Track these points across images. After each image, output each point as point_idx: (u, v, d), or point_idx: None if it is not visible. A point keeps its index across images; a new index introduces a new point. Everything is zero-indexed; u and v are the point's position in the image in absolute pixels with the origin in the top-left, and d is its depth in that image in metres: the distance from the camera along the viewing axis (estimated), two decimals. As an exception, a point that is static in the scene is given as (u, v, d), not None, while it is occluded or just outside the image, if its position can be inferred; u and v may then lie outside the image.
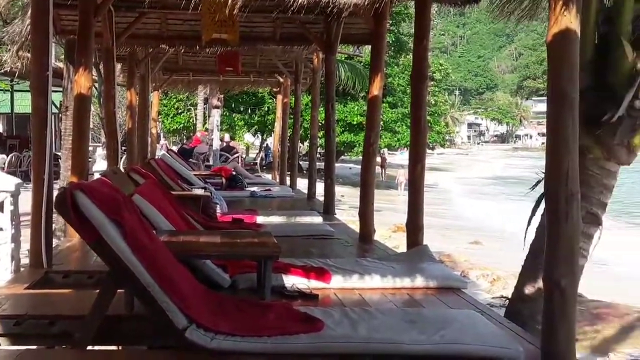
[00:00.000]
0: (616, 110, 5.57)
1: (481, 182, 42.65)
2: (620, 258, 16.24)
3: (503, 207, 26.67)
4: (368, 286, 5.26)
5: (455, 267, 12.64)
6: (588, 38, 5.71)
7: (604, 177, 5.86)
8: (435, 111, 40.25)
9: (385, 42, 7.90)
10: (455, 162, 68.28)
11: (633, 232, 22.01)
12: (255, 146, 48.13)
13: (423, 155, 6.79)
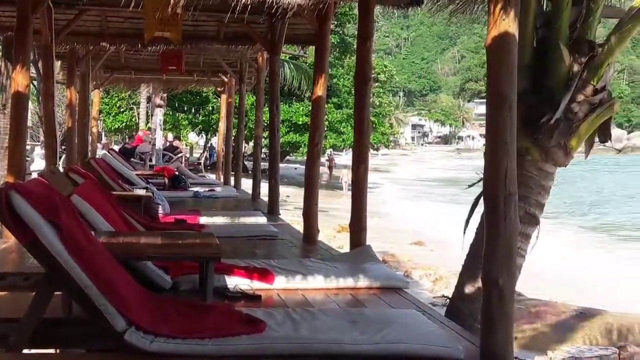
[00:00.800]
0: (554, 113, 5.69)
1: (423, 183, 43.20)
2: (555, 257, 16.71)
3: (445, 207, 27.06)
4: (311, 287, 5.27)
5: (399, 266, 12.77)
6: (527, 41, 5.82)
7: (542, 178, 5.98)
8: (379, 112, 40.60)
9: (329, 43, 7.92)
10: (399, 163, 69.01)
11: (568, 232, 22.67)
12: (199, 146, 47.71)
13: (366, 156, 6.83)
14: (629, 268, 15.72)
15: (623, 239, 22.17)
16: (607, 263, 16.76)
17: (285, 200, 21.23)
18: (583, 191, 39.81)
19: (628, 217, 27.98)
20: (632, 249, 19.31)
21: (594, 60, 5.72)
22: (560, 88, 5.73)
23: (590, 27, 5.83)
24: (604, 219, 27.51)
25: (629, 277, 14.63)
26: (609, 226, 25.39)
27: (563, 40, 5.69)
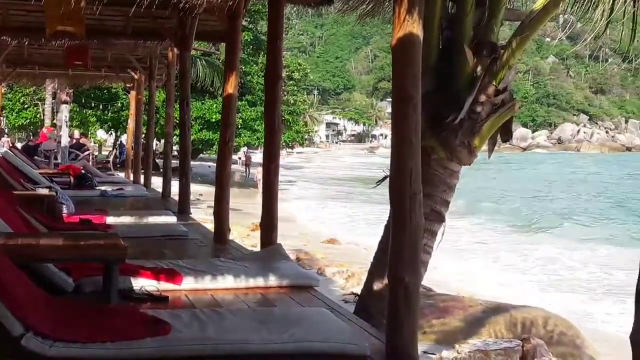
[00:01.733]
0: (458, 113, 5.83)
1: (337, 182, 43.56)
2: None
3: (360, 205, 27.40)
4: (220, 287, 5.22)
5: (312, 264, 12.81)
6: (432, 43, 5.95)
7: (447, 177, 6.12)
8: (294, 110, 40.62)
9: (239, 40, 7.86)
10: (314, 160, 69.39)
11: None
12: (109, 143, 46.51)
13: (277, 154, 6.82)
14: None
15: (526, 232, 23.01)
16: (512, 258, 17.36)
17: (198, 199, 20.97)
18: (497, 187, 41.18)
19: (537, 212, 29.15)
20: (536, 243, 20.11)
21: (497, 62, 5.89)
22: (465, 89, 5.87)
23: (492, 30, 6.00)
24: (515, 214, 28.48)
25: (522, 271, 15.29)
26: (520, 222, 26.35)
27: (467, 42, 5.84)
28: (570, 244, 19.85)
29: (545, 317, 8.54)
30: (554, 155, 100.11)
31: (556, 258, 17.28)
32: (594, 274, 15.40)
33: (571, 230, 23.59)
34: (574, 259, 17.28)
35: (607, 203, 34.47)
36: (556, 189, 42.11)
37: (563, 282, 14.51)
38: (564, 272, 15.68)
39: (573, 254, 17.98)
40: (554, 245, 19.57)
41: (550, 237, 21.85)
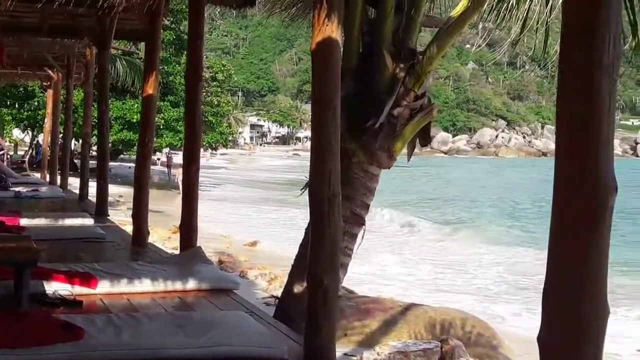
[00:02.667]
0: (378, 117, 5.90)
1: (260, 184, 43.45)
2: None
3: (284, 207, 27.39)
4: (137, 290, 5.13)
5: (235, 267, 12.73)
6: (353, 47, 6.01)
7: (368, 180, 6.18)
8: (218, 112, 40.31)
9: (159, 39, 7.76)
10: (237, 162, 69.02)
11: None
12: (25, 143, 44.99)
13: (197, 155, 6.75)
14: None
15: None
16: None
17: (117, 200, 20.53)
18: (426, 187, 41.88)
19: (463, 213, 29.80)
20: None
21: (415, 68, 5.99)
22: (384, 93, 5.95)
23: (411, 36, 6.11)
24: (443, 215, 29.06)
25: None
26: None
27: (386, 47, 5.92)
28: (479, 245, 20.43)
29: (463, 318, 8.73)
30: (472, 159, 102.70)
31: (465, 260, 17.76)
32: (502, 274, 15.88)
33: (478, 232, 24.24)
34: (482, 260, 17.81)
35: (515, 206, 35.48)
36: (470, 192, 43.17)
37: (473, 283, 14.92)
38: (475, 272, 16.14)
39: (482, 256, 18.52)
40: (464, 246, 20.11)
41: (460, 238, 22.43)
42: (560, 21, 2.54)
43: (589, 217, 2.36)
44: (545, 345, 2.42)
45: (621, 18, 4.46)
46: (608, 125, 2.35)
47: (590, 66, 2.33)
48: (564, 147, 2.42)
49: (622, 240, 20.15)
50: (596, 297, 2.36)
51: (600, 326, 2.37)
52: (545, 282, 2.44)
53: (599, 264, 2.37)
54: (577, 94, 2.38)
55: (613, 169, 2.40)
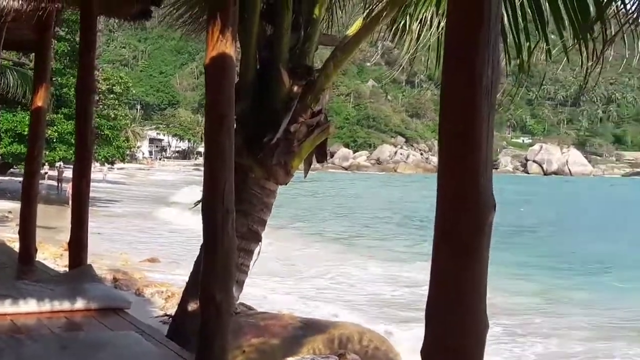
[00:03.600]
0: (275, 133, 5.91)
1: (158, 199, 42.61)
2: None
3: (181, 223, 26.93)
4: (22, 311, 4.91)
5: (130, 285, 12.42)
6: (250, 63, 6.00)
7: (265, 196, 6.16)
8: (115, 125, 39.38)
9: (50, 51, 7.51)
10: (135, 177, 67.46)
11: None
12: None
13: (88, 170, 6.56)
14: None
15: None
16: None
17: (6, 216, 19.69)
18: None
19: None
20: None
21: (312, 85, 6.04)
22: (281, 109, 5.96)
23: (308, 53, 6.16)
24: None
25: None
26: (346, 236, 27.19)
27: (283, 64, 5.94)
28: (373, 260, 20.84)
29: (361, 332, 8.85)
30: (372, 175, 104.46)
31: (360, 274, 18.08)
32: (396, 289, 16.24)
33: (374, 247, 24.73)
34: (376, 275, 18.19)
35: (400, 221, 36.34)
36: (368, 208, 43.93)
37: (368, 298, 15.19)
38: (369, 288, 16.44)
39: (375, 270, 18.91)
40: (357, 261, 20.46)
41: (355, 253, 22.81)
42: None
43: (469, 234, 2.42)
44: (428, 358, 2.47)
45: (507, 35, 4.67)
46: (487, 145, 2.42)
47: (471, 86, 2.39)
48: (445, 165, 2.48)
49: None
50: (476, 312, 2.43)
51: (479, 340, 2.43)
52: (428, 297, 2.50)
53: (478, 280, 2.44)
54: (457, 113, 2.44)
55: (492, 187, 2.48)
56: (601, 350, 11.84)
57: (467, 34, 2.42)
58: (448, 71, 2.47)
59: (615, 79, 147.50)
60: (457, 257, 2.43)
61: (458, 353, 2.43)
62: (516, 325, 13.03)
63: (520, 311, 14.54)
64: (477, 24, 2.39)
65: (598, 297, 17.17)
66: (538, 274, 20.29)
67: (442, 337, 2.45)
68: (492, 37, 2.40)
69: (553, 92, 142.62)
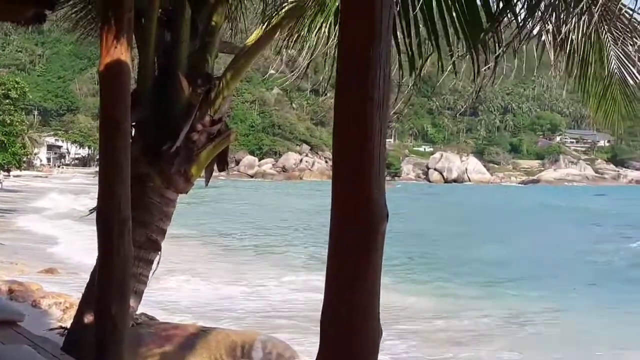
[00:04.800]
0: (174, 141, 5.84)
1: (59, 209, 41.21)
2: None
3: (81, 232, 26.15)
4: None
5: (26, 296, 11.96)
6: (148, 70, 5.91)
7: (164, 205, 6.08)
8: (10, 131, 37.95)
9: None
10: (32, 185, 64.94)
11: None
12: None
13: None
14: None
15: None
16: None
17: None
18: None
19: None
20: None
21: (212, 92, 6.02)
22: (181, 117, 5.90)
23: (207, 60, 6.13)
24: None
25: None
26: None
27: (182, 71, 5.89)
28: (280, 269, 20.93)
29: (264, 340, 8.84)
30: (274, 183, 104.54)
31: (265, 283, 18.13)
32: (299, 298, 16.36)
33: (279, 256, 24.84)
34: (281, 283, 18.29)
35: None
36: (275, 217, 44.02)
37: (274, 306, 15.23)
38: (270, 296, 16.52)
39: (281, 279, 19.00)
40: (264, 271, 20.51)
41: (261, 262, 22.83)
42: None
43: (362, 243, 2.47)
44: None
45: (403, 47, 4.79)
46: (380, 156, 2.48)
47: (363, 100, 2.44)
48: (339, 175, 2.52)
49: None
50: (369, 319, 2.48)
51: (374, 346, 2.49)
52: (323, 305, 2.53)
53: (372, 288, 2.49)
54: (350, 126, 2.48)
55: (384, 197, 2.53)
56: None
57: (358, 48, 2.45)
58: (341, 85, 2.51)
59: (511, 89, 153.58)
60: (351, 266, 2.48)
61: (353, 357, 2.48)
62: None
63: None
64: (368, 37, 2.43)
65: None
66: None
67: (337, 345, 2.49)
68: (383, 51, 2.45)
69: (452, 102, 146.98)
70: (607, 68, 6.22)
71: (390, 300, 14.71)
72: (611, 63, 6.20)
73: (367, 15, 2.42)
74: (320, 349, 2.50)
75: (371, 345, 2.47)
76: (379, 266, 2.50)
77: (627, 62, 6.17)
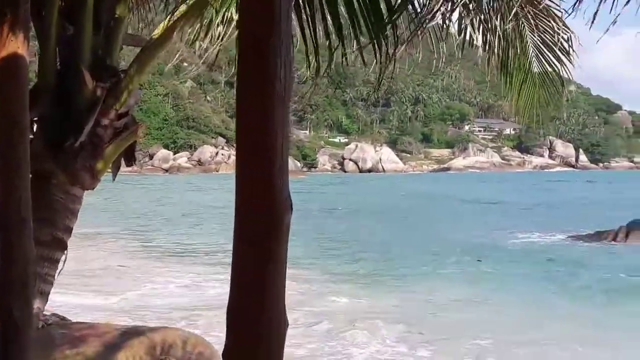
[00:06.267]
0: (79, 136, 5.68)
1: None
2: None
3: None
4: None
5: None
6: (49, 63, 5.72)
7: (70, 202, 5.89)
8: None
9: None
10: None
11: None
12: None
13: None
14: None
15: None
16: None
17: None
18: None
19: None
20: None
21: (117, 86, 5.87)
22: (85, 112, 5.73)
23: (112, 53, 5.98)
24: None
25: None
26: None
27: (85, 65, 5.72)
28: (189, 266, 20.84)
29: (184, 337, 8.77)
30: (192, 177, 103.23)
31: (173, 281, 18.03)
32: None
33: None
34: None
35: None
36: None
37: (183, 303, 15.13)
38: (188, 292, 16.41)
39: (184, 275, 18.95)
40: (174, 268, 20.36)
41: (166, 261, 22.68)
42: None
43: (267, 235, 2.47)
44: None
45: (311, 39, 4.81)
46: (283, 147, 2.47)
47: (264, 91, 2.42)
48: (242, 167, 2.51)
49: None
50: (275, 311, 2.48)
51: (279, 338, 2.49)
52: (229, 299, 2.52)
53: (277, 279, 2.50)
54: (252, 117, 2.47)
55: (288, 189, 2.54)
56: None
57: (258, 41, 2.42)
58: (242, 75, 2.49)
59: (421, 80, 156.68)
60: (256, 258, 2.48)
61: (258, 352, 2.48)
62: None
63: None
64: (267, 26, 2.40)
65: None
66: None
67: (243, 338, 2.48)
68: (284, 44, 2.43)
69: (366, 94, 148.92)
70: (526, 58, 6.43)
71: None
72: (529, 52, 6.41)
73: (266, 2, 2.40)
74: (226, 341, 2.49)
75: (277, 336, 2.48)
76: (284, 257, 2.51)
77: (545, 50, 6.40)
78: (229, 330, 2.50)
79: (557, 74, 6.69)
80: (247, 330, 2.47)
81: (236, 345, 2.48)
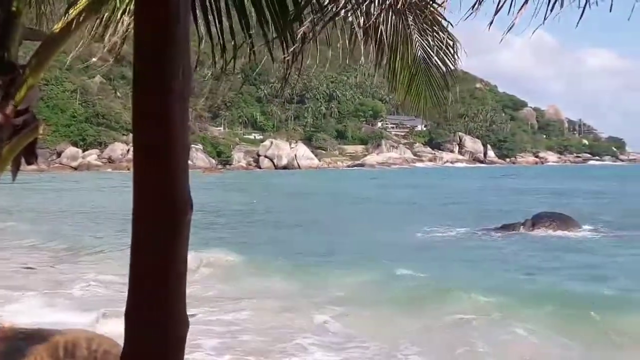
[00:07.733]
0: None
1: None
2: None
3: None
4: None
5: None
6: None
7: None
8: None
9: None
10: None
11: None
12: None
13: None
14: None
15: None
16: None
17: None
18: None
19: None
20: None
21: (16, 82, 5.65)
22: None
23: (9, 48, 5.75)
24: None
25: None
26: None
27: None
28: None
29: (89, 338, 8.61)
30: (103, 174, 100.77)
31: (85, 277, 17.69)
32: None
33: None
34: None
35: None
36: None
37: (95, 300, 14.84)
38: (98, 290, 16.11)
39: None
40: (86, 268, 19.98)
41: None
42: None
43: (166, 234, 2.44)
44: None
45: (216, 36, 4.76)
46: (182, 147, 2.44)
47: (161, 91, 2.37)
48: (140, 168, 2.45)
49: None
50: (175, 310, 2.46)
51: (180, 338, 2.47)
52: (127, 297, 2.48)
53: (177, 278, 2.47)
54: (150, 119, 2.41)
55: (188, 187, 2.51)
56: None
57: (155, 45, 2.37)
58: (138, 77, 2.42)
59: (335, 77, 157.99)
60: (155, 257, 2.44)
61: (159, 353, 2.44)
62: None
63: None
64: (164, 21, 2.35)
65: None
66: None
67: (142, 338, 2.45)
68: (181, 47, 2.38)
69: (279, 90, 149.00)
70: (414, 57, 6.57)
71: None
72: (417, 52, 6.55)
73: (160, 5, 2.34)
74: (126, 343, 2.45)
75: (176, 337, 2.45)
76: (184, 256, 2.49)
77: (430, 52, 6.55)
78: (127, 329, 2.46)
79: (442, 75, 6.85)
80: (144, 331, 2.44)
81: (133, 346, 2.44)
